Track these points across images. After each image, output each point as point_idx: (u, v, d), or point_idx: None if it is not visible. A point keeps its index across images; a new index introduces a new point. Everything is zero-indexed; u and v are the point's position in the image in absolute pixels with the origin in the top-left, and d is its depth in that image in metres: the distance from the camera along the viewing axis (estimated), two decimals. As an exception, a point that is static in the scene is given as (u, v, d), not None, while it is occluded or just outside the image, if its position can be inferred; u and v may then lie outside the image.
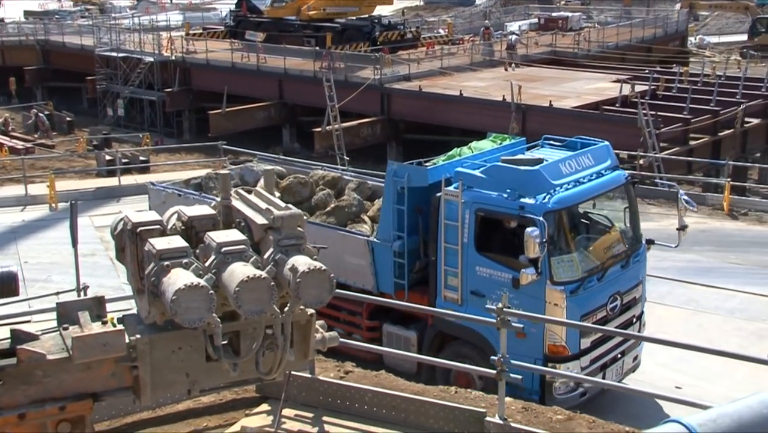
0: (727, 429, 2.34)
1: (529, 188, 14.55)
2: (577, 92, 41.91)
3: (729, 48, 73.35)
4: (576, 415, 11.30)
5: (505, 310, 10.19)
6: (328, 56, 45.42)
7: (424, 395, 10.89)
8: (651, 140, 32.40)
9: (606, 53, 55.04)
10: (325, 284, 6.37)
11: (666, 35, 63.45)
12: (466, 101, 40.24)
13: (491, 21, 70.10)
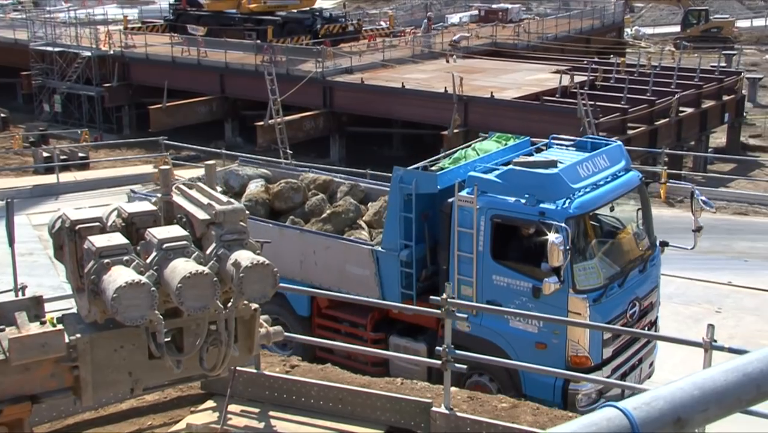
0: (660, 411, 2.37)
1: (549, 193, 13.86)
2: (518, 83, 42.12)
3: (663, 39, 74.25)
4: (521, 403, 11.36)
5: (449, 300, 10.11)
6: (270, 49, 45.08)
7: (371, 388, 10.85)
8: (590, 130, 32.61)
9: (545, 44, 55.41)
10: (269, 279, 6.30)
11: (603, 27, 64.08)
12: (409, 93, 40.23)
13: (432, 13, 70.23)
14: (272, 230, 16.84)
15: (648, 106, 37.16)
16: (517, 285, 14.14)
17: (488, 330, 14.47)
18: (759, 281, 21.37)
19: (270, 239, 16.55)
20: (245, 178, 19.40)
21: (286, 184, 18.49)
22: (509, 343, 14.07)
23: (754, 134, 47.49)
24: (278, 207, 18.27)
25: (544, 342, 13.86)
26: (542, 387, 13.91)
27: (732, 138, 44.55)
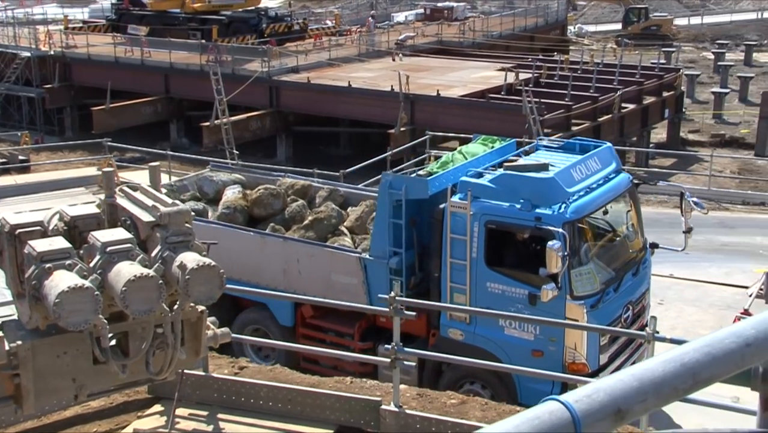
0: (600, 403, 2.41)
1: (544, 197, 13.61)
2: (464, 81, 42.26)
3: (605, 36, 75.05)
4: (470, 399, 11.37)
5: (397, 298, 10.12)
6: (215, 49, 44.84)
7: (320, 387, 10.81)
8: (535, 127, 32.85)
9: (490, 42, 55.73)
10: (215, 280, 6.26)
11: (547, 24, 64.56)
12: (355, 92, 40.23)
13: (377, 12, 70.31)
14: (254, 239, 16.60)
15: (591, 103, 37.51)
16: (512, 292, 13.89)
17: (482, 338, 14.24)
18: (699, 272, 21.72)
19: (252, 247, 16.43)
20: (220, 184, 18.96)
21: (265, 190, 17.94)
22: (505, 351, 13.80)
23: (693, 129, 48.13)
24: (257, 214, 17.85)
25: (540, 349, 13.64)
26: (538, 395, 13.53)
27: (672, 133, 45.16)
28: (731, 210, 26.71)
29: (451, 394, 11.48)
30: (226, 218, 17.42)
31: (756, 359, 2.79)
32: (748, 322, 2.80)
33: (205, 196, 18.71)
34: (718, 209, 27.08)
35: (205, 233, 16.58)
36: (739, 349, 2.67)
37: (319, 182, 19.27)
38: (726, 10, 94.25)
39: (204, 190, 18.92)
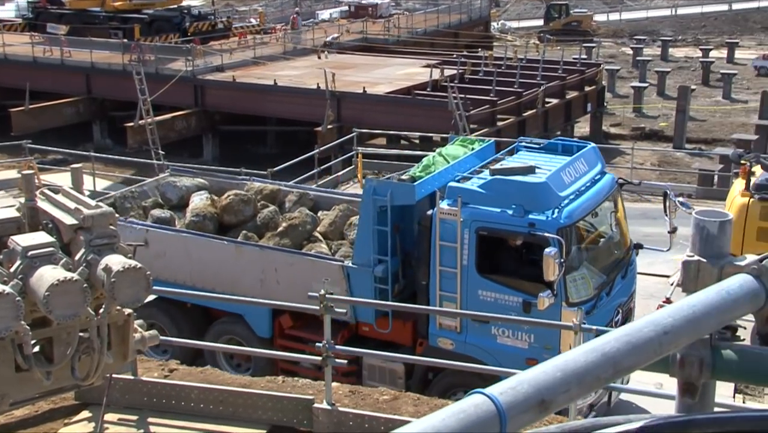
0: (525, 394, 2.43)
1: (537, 203, 13.29)
2: (390, 78, 42.32)
3: (528, 32, 75.86)
4: (402, 394, 11.43)
5: (328, 296, 10.13)
6: (137, 48, 44.29)
7: (252, 387, 10.75)
8: (461, 122, 33.04)
9: (415, 39, 55.92)
10: (142, 283, 6.19)
11: (471, 21, 64.96)
12: (281, 90, 40.05)
13: (302, 9, 70.10)
14: (228, 248, 16.10)
15: (516, 98, 37.84)
16: (505, 300, 13.54)
17: (474, 347, 13.88)
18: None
19: (227, 257, 15.99)
20: (183, 190, 18.30)
21: (236, 196, 17.29)
22: (498, 360, 13.13)
23: (614, 123, 48.91)
24: (228, 221, 17.28)
25: (535, 358, 12.74)
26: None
27: (595, 127, 45.79)
28: (653, 202, 27.11)
29: (383, 390, 11.51)
30: (195, 226, 16.93)
31: (673, 346, 2.84)
32: (665, 311, 2.85)
33: (168, 203, 18.13)
34: (640, 201, 27.50)
35: (175, 243, 16.44)
36: (657, 337, 2.71)
37: (287, 186, 18.75)
38: (642, 6, 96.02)
39: (167, 196, 18.24)
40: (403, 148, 35.73)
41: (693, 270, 3.18)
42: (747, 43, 72.67)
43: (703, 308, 2.89)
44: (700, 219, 3.20)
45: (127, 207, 17.53)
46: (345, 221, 16.83)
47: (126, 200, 17.76)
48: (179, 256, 16.24)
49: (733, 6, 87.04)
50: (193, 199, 17.83)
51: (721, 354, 3.11)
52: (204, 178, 19.15)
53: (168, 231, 16.92)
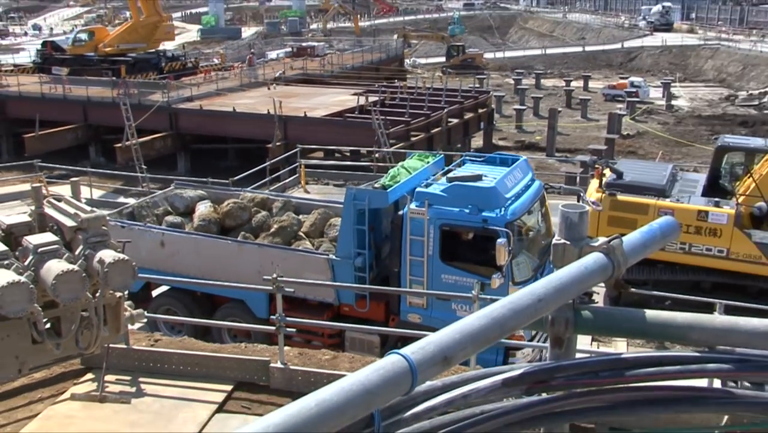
0: (431, 353, 2.44)
1: (488, 203, 13.41)
2: (326, 104, 42.16)
3: (434, 67, 76.09)
4: (340, 354, 11.40)
5: (278, 279, 10.09)
6: (124, 84, 43.54)
7: (220, 352, 10.67)
8: (383, 139, 33.09)
9: (345, 73, 55.78)
10: (129, 271, 6.20)
11: (388, 58, 65.14)
12: (239, 116, 39.65)
13: (255, 50, 69.51)
14: (232, 246, 15.79)
15: (425, 119, 37.97)
16: (464, 282, 13.50)
17: (438, 321, 13.55)
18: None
19: (231, 253, 15.62)
20: (188, 200, 17.94)
21: (234, 204, 17.19)
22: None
23: (502, 137, 49.39)
24: (228, 224, 17.10)
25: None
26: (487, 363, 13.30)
27: (486, 140, 46.13)
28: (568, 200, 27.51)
29: (325, 351, 11.49)
30: (202, 228, 16.73)
31: (546, 310, 2.89)
32: (540, 282, 2.90)
33: (176, 211, 17.74)
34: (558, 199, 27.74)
35: (187, 243, 16.03)
36: (533, 304, 2.76)
37: (274, 195, 18.41)
38: (520, 47, 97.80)
39: (175, 205, 17.87)
40: (337, 159, 35.68)
41: (560, 251, 3.23)
42: (596, 76, 74.02)
43: (567, 279, 2.94)
44: (565, 211, 3.25)
45: (144, 215, 17.28)
46: (324, 222, 16.71)
47: (143, 209, 17.50)
48: (190, 254, 15.94)
49: (586, 48, 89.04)
50: (198, 207, 17.55)
51: (581, 314, 3.17)
52: (204, 190, 18.84)
53: (181, 233, 16.63)
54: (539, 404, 2.93)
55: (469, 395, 2.82)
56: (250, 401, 9.86)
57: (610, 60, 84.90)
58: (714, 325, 3.15)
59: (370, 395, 2.30)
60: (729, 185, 19.22)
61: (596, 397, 3.01)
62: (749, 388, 7.03)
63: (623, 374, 3.00)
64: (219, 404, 9.63)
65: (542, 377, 2.93)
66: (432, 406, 2.74)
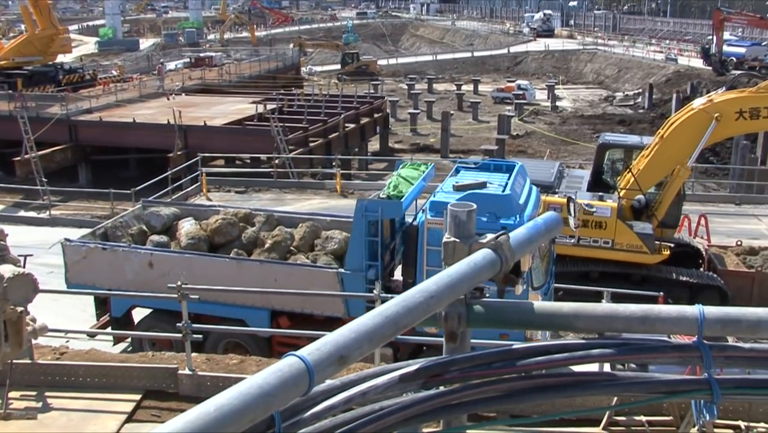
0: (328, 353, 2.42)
1: (505, 210, 12.87)
2: (225, 113, 41.64)
3: (329, 74, 76.12)
4: (248, 358, 11.28)
5: (183, 286, 9.87)
6: (21, 98, 41.87)
7: (128, 362, 10.39)
8: (282, 145, 32.89)
9: (243, 82, 55.22)
10: (30, 285, 5.93)
11: (285, 66, 64.82)
12: (139, 126, 38.70)
13: (152, 62, 67.95)
14: (230, 264, 14.48)
15: (323, 125, 38.01)
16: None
17: None
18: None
19: (229, 272, 14.20)
20: (165, 218, 16.49)
21: (224, 220, 15.81)
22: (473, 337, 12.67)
23: (397, 140, 49.85)
24: (218, 242, 15.74)
25: (506, 332, 11.95)
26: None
27: (383, 144, 46.56)
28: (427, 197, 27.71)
29: (233, 356, 11.33)
30: (192, 247, 15.33)
31: (438, 306, 2.90)
32: (431, 280, 2.91)
33: (152, 229, 16.28)
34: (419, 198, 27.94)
35: (179, 263, 14.34)
36: (425, 301, 2.76)
37: (255, 210, 17.01)
38: (412, 54, 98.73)
39: (151, 224, 16.39)
40: (238, 166, 35.26)
41: (451, 248, 3.25)
42: (485, 80, 75.45)
43: (458, 276, 2.96)
44: (453, 210, 3.28)
45: (119, 235, 15.78)
46: (313, 235, 15.72)
47: (117, 229, 15.92)
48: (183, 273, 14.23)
49: (475, 54, 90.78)
50: (182, 224, 16.16)
51: (473, 309, 3.20)
52: (177, 207, 17.46)
53: (173, 253, 15.17)
54: (436, 397, 2.94)
55: (367, 393, 2.80)
56: (160, 409, 9.63)
57: (498, 64, 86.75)
58: (597, 313, 3.23)
59: (269, 397, 2.26)
60: (611, 180, 19.89)
61: (490, 387, 3.04)
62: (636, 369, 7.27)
63: (515, 364, 3.05)
64: (128, 414, 9.37)
65: (438, 371, 2.95)
66: (331, 405, 2.71)
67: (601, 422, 8.41)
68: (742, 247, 19.69)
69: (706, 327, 3.31)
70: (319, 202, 26.95)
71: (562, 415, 7.47)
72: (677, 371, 4.14)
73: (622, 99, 65.49)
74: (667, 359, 3.55)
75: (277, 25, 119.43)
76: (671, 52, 75.43)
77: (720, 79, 55.89)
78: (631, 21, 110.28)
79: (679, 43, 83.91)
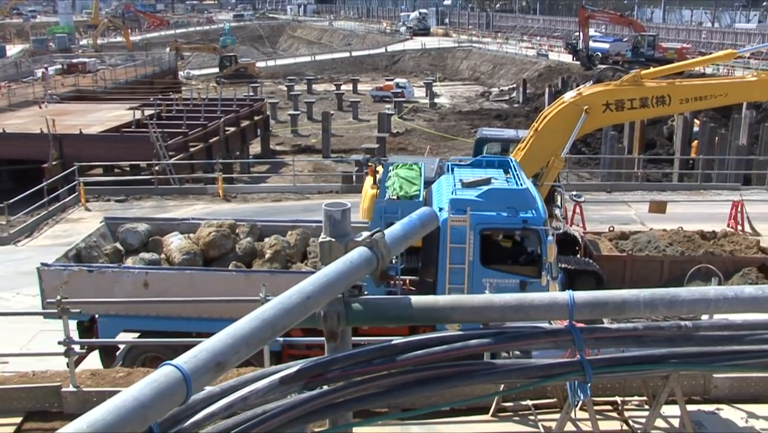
0: (204, 360, 2.38)
1: (523, 204, 13.09)
2: (101, 120, 40.23)
3: (207, 78, 74.89)
4: (135, 370, 10.94)
5: (63, 300, 9.47)
6: None
7: (6, 383, 9.86)
8: (162, 151, 32.11)
9: (119, 88, 53.65)
10: None
11: (162, 71, 63.45)
12: (10, 136, 36.78)
13: (21, 69, 64.97)
14: (237, 278, 13.53)
15: (203, 129, 37.34)
16: (505, 283, 13.08)
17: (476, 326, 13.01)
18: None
19: (237, 286, 13.04)
20: (142, 235, 15.20)
21: (217, 232, 14.88)
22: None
23: (278, 142, 49.57)
24: (212, 255, 14.85)
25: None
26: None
27: (264, 146, 46.19)
28: (311, 198, 27.73)
29: (119, 369, 10.97)
30: (187, 262, 14.33)
31: (316, 306, 2.89)
32: (308, 280, 2.89)
33: (130, 247, 15.05)
34: (302, 199, 27.92)
35: (179, 280, 13.30)
36: (302, 302, 2.74)
37: (239, 220, 16.00)
38: (290, 55, 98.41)
39: (128, 241, 15.12)
40: (117, 175, 34.17)
41: (326, 248, 3.24)
42: (364, 79, 76.02)
43: (335, 275, 2.95)
44: (328, 209, 3.27)
45: (95, 255, 14.49)
46: (304, 243, 15.20)
47: (92, 249, 14.55)
48: (182, 291, 13.35)
49: (353, 53, 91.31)
50: (170, 240, 15.03)
51: (352, 307, 3.20)
52: (147, 223, 15.97)
53: (172, 270, 14.05)
54: (319, 397, 2.93)
55: (248, 397, 2.75)
56: (43, 431, 9.20)
57: (376, 63, 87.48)
58: (473, 304, 3.29)
59: (145, 409, 2.20)
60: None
61: (372, 384, 3.05)
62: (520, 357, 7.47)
63: (395, 360, 3.07)
64: (6, 438, 8.91)
65: (319, 371, 2.93)
66: (212, 412, 2.66)
67: (490, 408, 8.60)
68: (615, 232, 20.59)
69: (577, 311, 3.43)
70: (203, 208, 26.45)
71: (452, 405, 7.60)
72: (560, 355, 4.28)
73: (497, 94, 67.30)
74: (542, 344, 3.66)
75: (153, 29, 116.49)
76: (542, 49, 78.06)
77: (588, 73, 58.30)
78: (504, 19, 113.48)
79: (549, 40, 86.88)
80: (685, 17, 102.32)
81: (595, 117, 18.17)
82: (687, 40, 75.95)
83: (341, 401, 3.02)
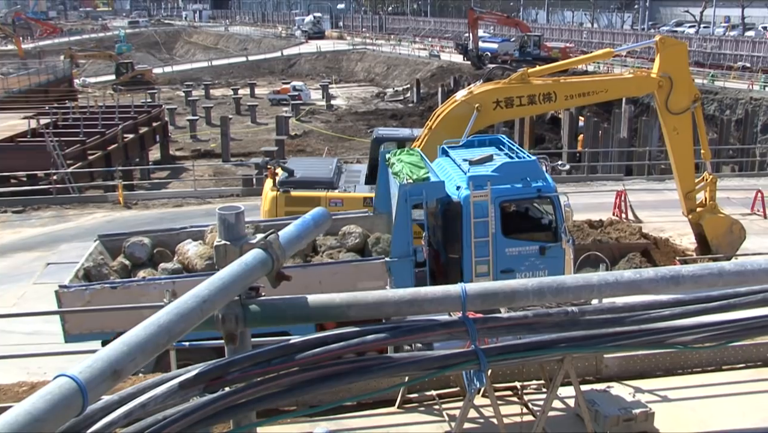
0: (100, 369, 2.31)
1: (535, 174, 13.71)
2: (-7, 131, 38.40)
3: (104, 85, 72.63)
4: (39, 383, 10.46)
5: None
6: None
7: None
8: (59, 160, 30.99)
9: (12, 97, 51.45)
10: None
11: (57, 79, 61.15)
12: None
13: None
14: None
15: (101, 137, 36.24)
16: (526, 251, 13.63)
17: None
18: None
19: (268, 285, 12.21)
20: (150, 247, 14.26)
21: None
22: None
23: (178, 148, 48.55)
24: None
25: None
26: None
27: (164, 152, 45.20)
28: (212, 202, 27.27)
29: (23, 383, 10.49)
30: (211, 267, 13.11)
31: (213, 310, 2.85)
32: (204, 284, 2.85)
33: (137, 261, 14.09)
34: (203, 203, 27.47)
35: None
36: (198, 306, 2.71)
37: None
38: (187, 60, 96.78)
39: (136, 255, 14.16)
40: (14, 186, 32.70)
41: (222, 251, 3.21)
42: (261, 83, 75.31)
43: (230, 278, 2.93)
44: (221, 213, 3.23)
45: (105, 273, 13.46)
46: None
47: (101, 267, 13.55)
48: None
49: (249, 58, 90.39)
50: (186, 247, 14.18)
51: (249, 309, 3.18)
52: (145, 236, 14.81)
53: (200, 276, 12.42)
54: (219, 399, 2.90)
55: (147, 404, 2.70)
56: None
57: (272, 67, 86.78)
58: (368, 300, 3.32)
59: (39, 423, 2.12)
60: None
61: (272, 383, 3.04)
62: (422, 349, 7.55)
63: (294, 359, 3.07)
64: None
65: (218, 374, 2.90)
66: (111, 421, 2.59)
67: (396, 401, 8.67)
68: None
69: (469, 303, 3.50)
70: (103, 216, 25.68)
71: (358, 399, 7.63)
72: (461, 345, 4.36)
73: (392, 95, 67.80)
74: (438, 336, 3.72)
75: (46, 36, 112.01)
76: (434, 49, 79.08)
77: (478, 72, 59.40)
78: (396, 21, 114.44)
79: (440, 41, 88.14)
80: (567, 18, 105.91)
81: (487, 114, 18.54)
82: (569, 39, 78.59)
83: (243, 402, 2.99)
